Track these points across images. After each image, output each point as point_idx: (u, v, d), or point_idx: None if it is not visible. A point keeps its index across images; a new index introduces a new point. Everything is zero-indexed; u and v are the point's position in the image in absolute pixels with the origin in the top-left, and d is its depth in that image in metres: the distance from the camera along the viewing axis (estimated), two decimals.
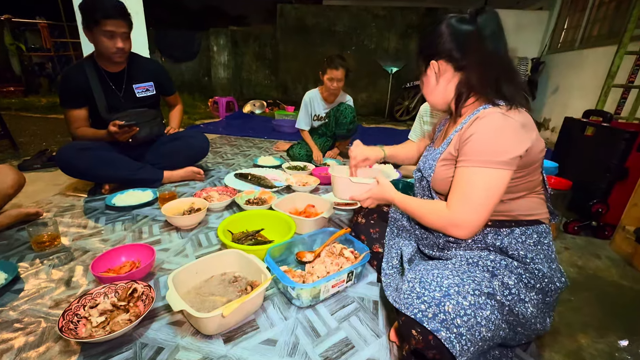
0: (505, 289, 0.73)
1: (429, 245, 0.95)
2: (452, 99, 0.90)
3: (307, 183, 1.95)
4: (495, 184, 0.76)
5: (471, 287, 0.70)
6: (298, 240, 1.18)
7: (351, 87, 5.63)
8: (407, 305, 0.70)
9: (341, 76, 2.28)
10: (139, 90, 1.80)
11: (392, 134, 4.18)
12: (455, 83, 0.88)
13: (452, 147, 0.86)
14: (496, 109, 0.77)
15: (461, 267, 0.77)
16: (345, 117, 2.45)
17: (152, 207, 1.60)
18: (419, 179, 1.00)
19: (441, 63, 0.87)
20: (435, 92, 0.91)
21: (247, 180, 1.99)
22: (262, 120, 4.67)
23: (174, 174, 1.89)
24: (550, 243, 0.82)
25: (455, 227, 0.79)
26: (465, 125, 0.82)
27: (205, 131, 3.65)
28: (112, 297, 0.93)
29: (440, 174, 0.89)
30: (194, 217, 1.38)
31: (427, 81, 0.92)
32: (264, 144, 3.29)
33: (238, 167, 2.35)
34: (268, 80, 6.35)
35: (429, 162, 0.95)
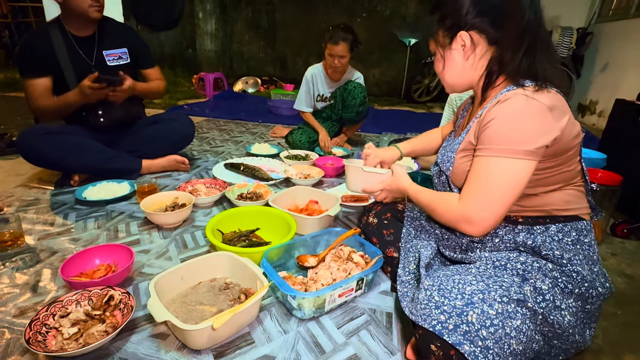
0: (539, 295, 0.73)
1: (451, 247, 0.96)
2: (478, 79, 0.89)
3: (310, 175, 1.96)
4: (515, 176, 0.76)
5: (498, 293, 0.70)
6: (299, 242, 1.19)
7: (361, 62, 5.60)
8: (425, 317, 0.71)
9: (343, 52, 2.26)
10: (111, 57, 1.78)
11: (409, 118, 4.17)
12: (486, 60, 0.86)
13: (471, 136, 0.86)
14: (519, 91, 0.77)
15: (486, 271, 0.77)
16: (354, 98, 2.44)
17: (129, 201, 1.61)
18: (437, 173, 1.02)
19: (473, 35, 0.85)
20: (460, 71, 0.90)
21: (239, 172, 2.00)
22: (256, 100, 4.67)
23: (154, 164, 1.90)
24: (591, 242, 0.83)
25: (467, 222, 0.81)
26: (485, 110, 0.82)
27: (190, 113, 3.66)
28: (86, 306, 0.95)
29: (459, 167, 0.89)
30: (177, 214, 1.39)
31: (451, 58, 0.89)
32: (259, 128, 3.29)
33: (228, 156, 2.36)
34: (263, 54, 6.32)
35: (447, 155, 0.95)
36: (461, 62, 0.89)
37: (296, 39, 6.02)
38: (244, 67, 6.41)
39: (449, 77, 0.93)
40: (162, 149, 1.95)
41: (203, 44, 5.97)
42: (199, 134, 2.93)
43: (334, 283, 1.04)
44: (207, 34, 5.93)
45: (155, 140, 1.93)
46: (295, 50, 6.12)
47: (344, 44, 2.25)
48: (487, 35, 0.84)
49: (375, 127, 3.44)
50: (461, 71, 0.90)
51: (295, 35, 6.00)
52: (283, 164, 2.16)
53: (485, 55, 0.86)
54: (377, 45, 5.63)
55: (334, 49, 2.25)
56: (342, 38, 2.23)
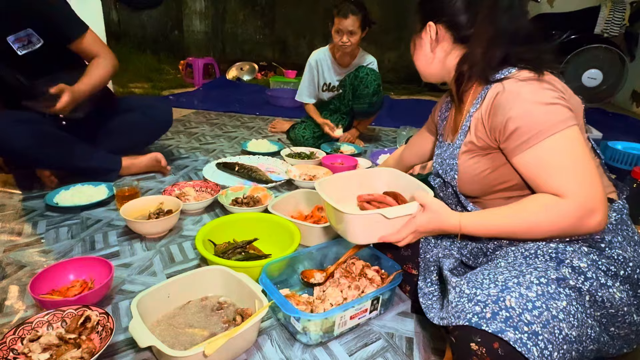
0: (579, 275, 0.76)
1: (474, 254, 0.98)
2: (452, 78, 0.99)
3: (315, 176, 1.96)
4: (579, 145, 0.80)
5: (534, 275, 0.73)
6: (304, 255, 1.20)
7: (375, 44, 5.59)
8: (457, 314, 0.72)
9: (353, 27, 2.26)
10: (17, 44, 1.59)
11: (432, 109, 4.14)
12: (455, 58, 0.96)
13: (472, 135, 0.92)
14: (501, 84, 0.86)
15: (516, 260, 0.81)
16: (366, 87, 2.45)
17: (106, 207, 1.63)
18: (440, 186, 1.05)
19: (440, 29, 0.95)
20: (427, 61, 1.00)
21: (233, 173, 2.01)
22: (252, 89, 4.70)
23: (135, 163, 1.92)
24: (629, 222, 0.87)
25: (592, 213, 0.76)
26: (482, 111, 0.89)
27: (176, 105, 3.69)
28: (59, 328, 0.96)
29: (467, 171, 0.94)
30: (163, 223, 1.41)
31: (420, 46, 1.00)
32: (256, 122, 3.31)
33: (221, 155, 2.37)
34: (260, 35, 6.36)
35: (447, 162, 1.00)
36: (427, 53, 0.98)
37: (299, 18, 6.04)
38: (238, 51, 6.45)
39: (418, 64, 1.03)
40: (141, 140, 1.96)
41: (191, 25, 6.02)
42: (186, 128, 2.95)
43: (344, 303, 1.04)
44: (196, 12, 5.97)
45: (130, 131, 1.94)
46: (297, 31, 6.14)
47: (355, 18, 2.25)
48: (454, 33, 0.93)
49: (392, 120, 3.44)
50: (428, 61, 0.99)
51: (298, 13, 6.02)
52: (284, 164, 2.17)
53: (453, 53, 0.96)
54: (394, 24, 5.63)
55: (342, 22, 2.25)
56: (351, 10, 2.23)
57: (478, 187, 0.95)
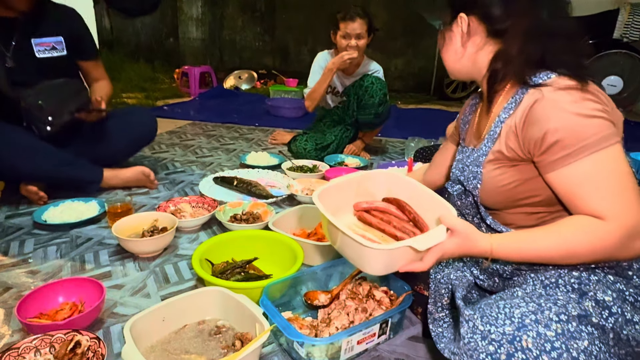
0: (603, 309, 0.74)
1: (489, 275, 0.97)
2: (483, 76, 0.96)
3: None
4: (623, 163, 0.79)
5: (553, 311, 0.71)
6: (307, 275, 1.20)
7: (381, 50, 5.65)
8: (470, 352, 0.72)
9: (361, 30, 2.31)
10: (42, 47, 1.77)
11: (441, 119, 4.15)
12: (488, 54, 0.93)
13: (501, 144, 0.90)
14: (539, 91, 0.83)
15: (535, 291, 0.80)
16: (371, 96, 2.47)
17: (98, 225, 1.64)
18: (459, 194, 1.03)
19: (472, 21, 0.92)
20: (456, 56, 0.98)
21: (232, 187, 2.02)
22: (251, 99, 4.75)
23: (118, 175, 1.94)
24: None
25: (638, 236, 0.76)
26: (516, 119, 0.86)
27: (171, 115, 3.73)
28: (47, 354, 0.96)
29: (491, 182, 0.92)
30: (157, 241, 1.41)
31: (449, 39, 0.98)
32: (255, 134, 3.33)
33: (218, 169, 2.39)
34: (260, 42, 6.44)
35: (470, 169, 0.97)
36: (457, 47, 0.96)
37: (300, 24, 6.12)
38: (236, 58, 6.52)
39: (446, 58, 1.01)
40: (123, 150, 1.99)
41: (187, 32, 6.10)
42: (182, 141, 2.98)
43: (351, 327, 1.04)
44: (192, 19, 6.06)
45: (113, 140, 1.96)
46: (299, 38, 6.21)
47: (362, 21, 2.31)
48: (487, 26, 0.91)
49: (399, 131, 3.47)
50: (458, 56, 0.97)
51: (300, 19, 6.10)
52: (285, 178, 2.18)
53: (486, 49, 0.93)
54: (400, 29, 5.70)
55: (349, 26, 2.30)
56: (357, 13, 2.30)
57: (501, 200, 0.94)
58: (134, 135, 2.05)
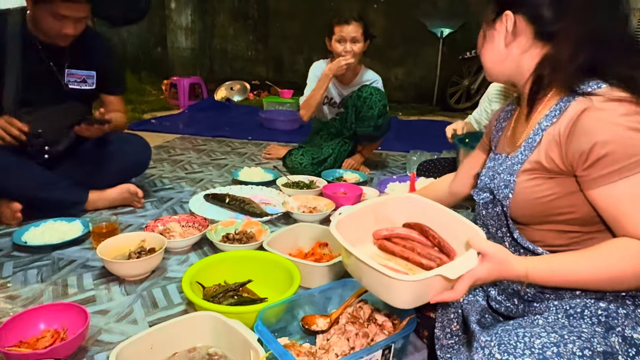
0: (630, 347, 0.73)
1: (508, 296, 0.95)
2: (525, 80, 0.94)
3: (316, 208, 1.98)
4: None
5: (577, 345, 0.70)
6: (304, 298, 1.19)
7: (380, 59, 5.71)
8: None
9: (356, 33, 2.36)
10: (73, 79, 1.87)
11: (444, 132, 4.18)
12: (534, 57, 0.91)
13: (540, 154, 0.88)
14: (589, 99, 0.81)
15: (557, 321, 0.79)
16: (370, 108, 2.50)
17: (81, 246, 1.64)
18: (486, 203, 1.01)
19: (519, 20, 0.90)
20: (499, 57, 0.96)
21: (224, 205, 2.02)
22: (244, 111, 4.78)
23: (103, 196, 1.95)
24: None
25: None
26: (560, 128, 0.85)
27: (159, 129, 3.74)
28: None
29: (524, 193, 0.90)
30: (145, 263, 1.41)
31: (491, 38, 0.97)
32: (248, 148, 3.35)
33: (210, 186, 2.39)
34: (252, 51, 6.50)
35: (501, 177, 0.95)
36: (500, 47, 0.95)
37: (295, 33, 6.18)
38: (228, 69, 6.57)
39: (485, 59, 1.00)
40: (112, 178, 1.99)
41: (175, 41, 6.16)
42: (170, 156, 2.98)
43: (351, 353, 1.03)
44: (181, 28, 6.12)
45: (103, 167, 1.98)
46: (293, 47, 6.28)
47: (357, 24, 2.35)
48: (536, 27, 0.89)
49: (401, 144, 3.50)
50: (500, 57, 0.96)
51: (294, 27, 6.17)
52: (281, 194, 2.18)
53: (533, 52, 0.91)
54: (400, 37, 5.77)
55: (344, 29, 2.35)
56: (352, 17, 2.35)
57: (532, 213, 0.91)
58: (126, 164, 2.06)
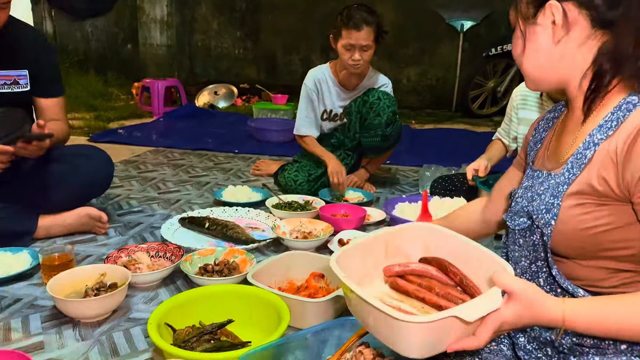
0: None
1: (539, 346, 0.95)
2: (580, 79, 0.90)
3: (312, 234, 1.97)
4: None
5: None
6: (295, 342, 1.18)
7: (389, 59, 5.77)
8: None
9: (367, 41, 2.36)
10: (2, 81, 1.87)
11: (465, 141, 4.20)
12: (589, 51, 0.88)
13: (591, 174, 0.86)
14: None
15: None
16: (378, 115, 2.51)
17: (28, 282, 1.62)
18: (523, 231, 0.98)
19: (569, 9, 0.87)
20: (545, 59, 0.92)
21: (202, 231, 2.02)
22: (230, 120, 4.80)
23: (58, 222, 1.95)
24: None
25: None
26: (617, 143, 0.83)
27: (128, 141, 3.75)
28: None
29: (572, 221, 0.88)
30: (104, 302, 1.40)
31: (534, 37, 0.93)
32: (234, 163, 3.35)
33: (187, 207, 2.39)
34: (240, 49, 6.55)
35: (542, 199, 0.93)
36: (548, 46, 0.91)
37: (290, 27, 6.24)
38: (211, 69, 6.62)
39: (529, 64, 0.96)
40: (66, 199, 1.98)
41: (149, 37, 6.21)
42: (141, 172, 2.99)
43: None
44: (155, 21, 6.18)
45: (54, 187, 1.96)
46: (288, 44, 6.33)
47: (369, 29, 2.34)
48: (593, 14, 0.85)
49: (413, 157, 3.50)
50: (547, 59, 0.92)
51: (289, 21, 6.23)
52: (271, 217, 2.18)
53: (589, 44, 0.88)
54: (413, 32, 5.82)
55: (353, 35, 2.34)
56: (365, 21, 2.32)
57: (578, 246, 0.89)
58: (83, 183, 2.04)
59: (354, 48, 2.36)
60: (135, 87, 5.29)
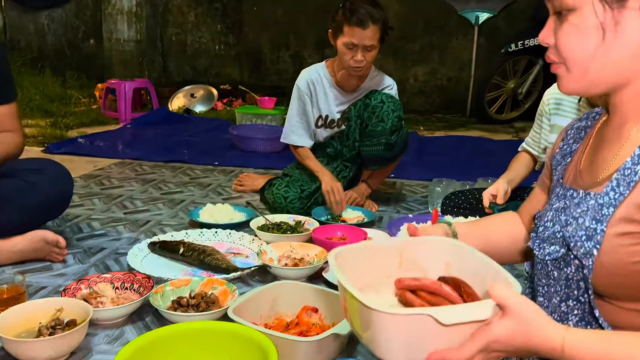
0: None
1: None
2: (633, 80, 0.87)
3: (303, 260, 1.96)
4: None
5: None
6: None
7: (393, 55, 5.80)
8: None
9: (373, 40, 2.37)
10: None
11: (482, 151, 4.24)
12: None
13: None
14: None
15: None
16: (381, 120, 2.51)
17: None
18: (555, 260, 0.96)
19: None
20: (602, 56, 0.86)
21: (176, 257, 2.01)
22: (208, 127, 4.81)
23: (7, 247, 1.93)
24: None
25: None
26: None
27: (89, 151, 3.75)
28: None
29: (619, 252, 0.85)
30: (60, 342, 1.38)
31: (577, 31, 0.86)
32: (213, 177, 3.35)
33: (158, 230, 2.38)
34: (221, 45, 6.57)
35: (579, 223, 0.91)
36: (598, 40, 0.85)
37: (279, 20, 6.27)
38: (187, 69, 6.64)
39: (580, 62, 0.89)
40: (16, 221, 1.97)
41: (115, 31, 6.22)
42: (104, 189, 2.97)
43: None
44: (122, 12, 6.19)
45: (4, 208, 1.95)
46: (277, 39, 6.36)
47: (375, 27, 2.35)
48: None
49: (421, 170, 3.51)
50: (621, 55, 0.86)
51: (277, 12, 6.27)
52: (256, 241, 2.17)
53: None
54: (421, 25, 5.87)
55: (357, 33, 2.34)
56: (371, 17, 2.33)
57: (623, 283, 0.87)
58: (36, 203, 2.02)
59: (357, 48, 2.36)
60: (99, 89, 5.30)
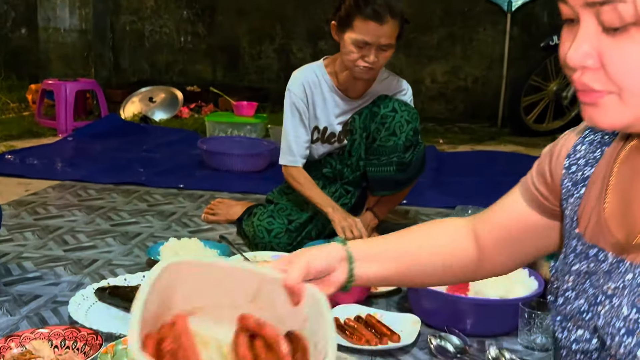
0: None
1: None
2: None
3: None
4: None
5: None
6: None
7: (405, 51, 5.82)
8: None
9: (389, 39, 2.38)
10: None
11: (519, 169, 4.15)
12: None
13: None
14: None
15: None
16: (392, 133, 2.54)
17: None
18: (585, 352, 0.92)
19: None
20: None
21: (130, 307, 1.99)
22: (172, 139, 4.83)
23: None
24: None
25: None
26: None
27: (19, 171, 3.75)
28: None
29: None
30: None
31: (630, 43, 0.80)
32: (177, 203, 3.36)
33: (107, 272, 2.38)
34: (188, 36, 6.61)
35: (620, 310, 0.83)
36: None
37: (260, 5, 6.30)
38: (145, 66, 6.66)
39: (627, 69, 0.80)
40: None
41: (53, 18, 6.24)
42: (38, 219, 2.97)
43: None
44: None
45: None
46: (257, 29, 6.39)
47: (394, 23, 2.36)
48: None
49: (441, 194, 3.54)
50: None
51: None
52: None
53: None
54: (440, 13, 5.92)
55: (372, 29, 2.34)
56: (390, 10, 2.33)
57: None
58: None
59: (370, 47, 2.36)
60: (32, 92, 5.30)
